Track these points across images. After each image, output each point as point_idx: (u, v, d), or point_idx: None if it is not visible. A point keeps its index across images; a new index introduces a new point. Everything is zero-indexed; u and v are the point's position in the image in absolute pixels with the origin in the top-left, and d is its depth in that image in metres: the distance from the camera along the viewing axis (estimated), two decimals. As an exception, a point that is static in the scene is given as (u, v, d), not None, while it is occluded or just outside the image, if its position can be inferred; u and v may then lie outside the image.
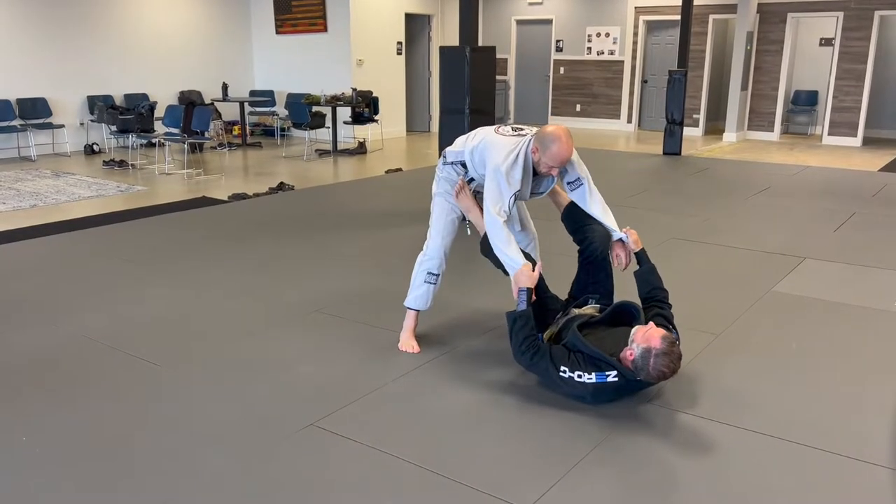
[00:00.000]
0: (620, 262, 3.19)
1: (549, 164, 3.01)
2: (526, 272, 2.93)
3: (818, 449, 2.56)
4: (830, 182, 7.87)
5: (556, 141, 2.96)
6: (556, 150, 2.96)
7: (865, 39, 10.75)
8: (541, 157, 3.01)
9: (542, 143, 2.99)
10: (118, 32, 10.30)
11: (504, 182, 3.01)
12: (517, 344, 2.89)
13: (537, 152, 3.01)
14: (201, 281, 4.40)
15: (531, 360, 2.87)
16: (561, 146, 2.96)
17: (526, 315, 2.89)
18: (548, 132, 2.99)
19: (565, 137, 2.98)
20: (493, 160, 3.04)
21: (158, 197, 7.07)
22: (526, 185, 3.10)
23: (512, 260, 3.02)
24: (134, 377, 3.09)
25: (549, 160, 2.99)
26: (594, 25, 12.99)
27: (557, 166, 3.02)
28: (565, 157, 2.98)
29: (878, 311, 3.92)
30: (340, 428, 2.67)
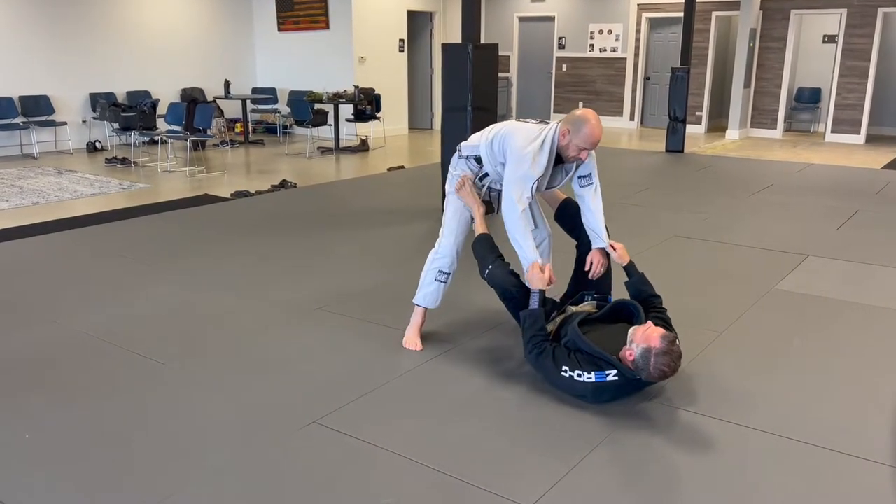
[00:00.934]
0: (593, 270, 3.17)
1: (579, 147, 2.98)
2: (536, 271, 2.93)
3: (820, 447, 2.55)
4: (833, 179, 7.86)
5: (587, 122, 2.95)
6: (588, 131, 2.95)
7: (869, 36, 10.71)
8: (571, 139, 2.98)
9: (574, 124, 2.97)
10: (121, 30, 10.31)
11: (529, 165, 2.98)
12: (527, 342, 2.91)
13: (566, 135, 2.99)
14: (203, 278, 4.40)
15: (536, 360, 2.89)
16: (593, 127, 2.95)
17: (536, 314, 2.91)
18: (578, 114, 2.99)
19: (595, 119, 2.99)
20: (517, 143, 3.02)
21: (161, 194, 7.07)
22: (547, 174, 3.08)
23: (525, 253, 3.02)
24: (136, 374, 3.10)
25: (580, 142, 2.97)
26: (597, 22, 12.96)
27: (589, 147, 2.99)
28: (597, 137, 2.97)
29: (881, 309, 3.91)
30: (342, 425, 2.67)
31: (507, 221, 3.04)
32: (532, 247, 3.02)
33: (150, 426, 2.67)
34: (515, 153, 3.02)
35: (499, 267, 3.15)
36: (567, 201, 3.36)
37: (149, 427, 2.67)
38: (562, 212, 3.33)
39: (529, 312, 2.92)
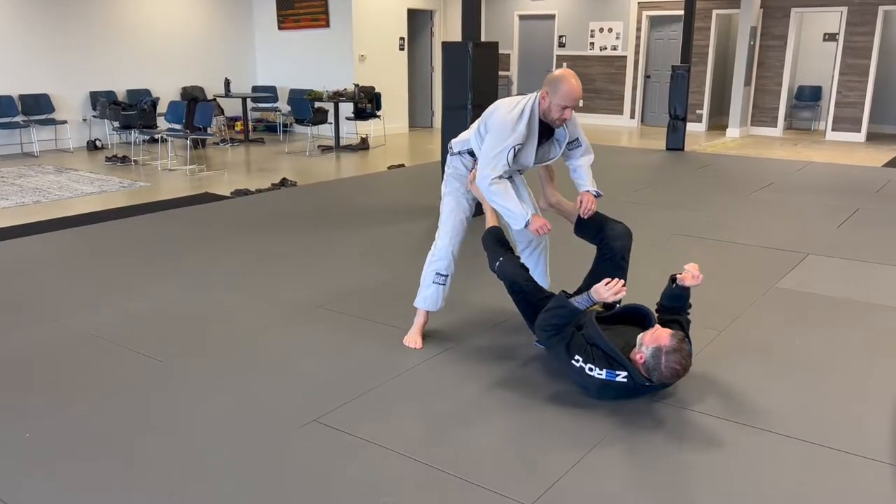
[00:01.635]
0: (584, 207, 3.18)
1: (560, 105, 2.98)
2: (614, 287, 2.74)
3: (821, 445, 2.55)
4: (834, 178, 7.85)
5: (564, 79, 2.97)
6: (566, 88, 2.96)
7: (869, 34, 10.70)
8: (551, 100, 2.99)
9: (551, 84, 2.98)
10: (121, 28, 10.30)
11: (506, 132, 2.99)
12: (546, 322, 2.83)
13: (546, 97, 3.00)
14: (204, 277, 4.40)
15: (548, 340, 2.86)
16: (570, 83, 2.96)
17: (575, 313, 2.80)
18: (555, 74, 3.00)
19: (572, 75, 3.00)
20: (497, 116, 3.04)
21: (161, 193, 7.07)
22: (531, 144, 3.06)
23: (512, 213, 3.01)
24: (137, 373, 3.10)
25: (560, 100, 2.97)
26: (597, 21, 12.95)
27: (570, 104, 2.99)
28: (576, 92, 2.97)
29: (882, 307, 3.91)
30: (343, 424, 2.67)
31: (483, 191, 3.06)
32: (517, 203, 3.01)
33: (151, 425, 2.67)
34: (495, 125, 3.04)
35: (509, 260, 3.13)
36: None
37: (149, 426, 2.67)
38: (581, 223, 3.28)
39: (572, 308, 2.80)
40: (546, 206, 3.45)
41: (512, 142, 2.99)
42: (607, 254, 3.14)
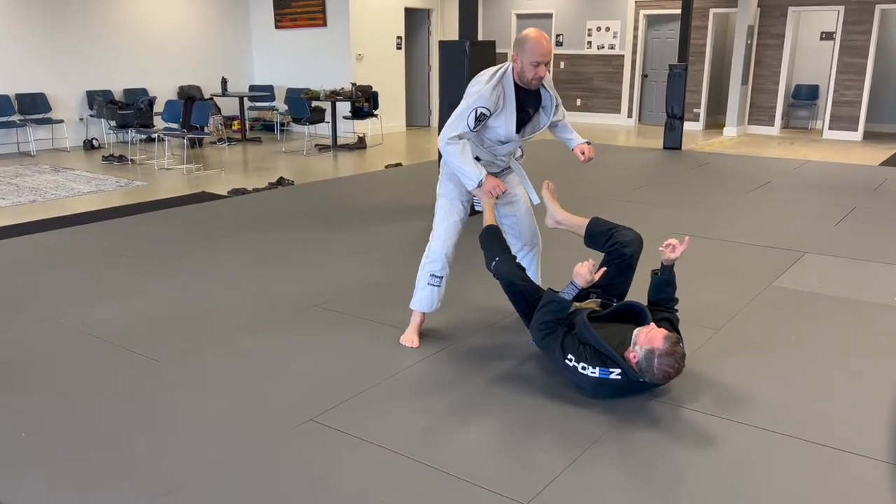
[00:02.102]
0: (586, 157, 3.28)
1: (532, 63, 3.00)
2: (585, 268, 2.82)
3: (817, 443, 2.55)
4: (831, 176, 7.86)
5: (528, 37, 3.00)
6: (531, 45, 2.98)
7: (866, 33, 10.72)
8: (522, 60, 3.02)
9: (519, 45, 3.03)
10: (117, 27, 10.28)
11: (473, 97, 3.03)
12: (539, 321, 2.87)
13: (517, 59, 3.03)
14: (201, 276, 4.40)
15: (542, 339, 2.88)
16: (535, 39, 2.99)
17: (564, 305, 2.85)
18: (521, 35, 3.04)
19: (537, 31, 3.04)
20: (472, 82, 3.09)
21: (158, 192, 7.06)
22: (507, 112, 3.06)
23: (465, 173, 3.06)
24: (133, 372, 3.09)
25: (529, 58, 3.00)
26: (594, 19, 12.95)
27: (540, 59, 3.00)
28: (544, 46, 2.99)
29: (879, 306, 3.91)
30: (340, 423, 2.67)
31: (441, 150, 3.11)
32: (473, 166, 3.05)
33: (147, 424, 2.67)
34: (468, 92, 3.09)
35: (506, 260, 3.14)
36: (592, 223, 3.27)
37: (145, 425, 2.66)
38: (590, 235, 3.26)
39: (559, 300, 2.85)
40: (553, 224, 3.42)
41: (475, 102, 3.02)
42: (616, 259, 3.12)
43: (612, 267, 3.13)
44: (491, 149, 3.23)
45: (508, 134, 3.12)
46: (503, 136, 3.14)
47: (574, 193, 6.68)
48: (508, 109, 3.08)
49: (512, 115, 3.09)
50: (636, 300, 3.05)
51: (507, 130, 3.11)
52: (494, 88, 3.03)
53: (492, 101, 3.03)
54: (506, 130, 3.11)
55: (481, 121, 3.05)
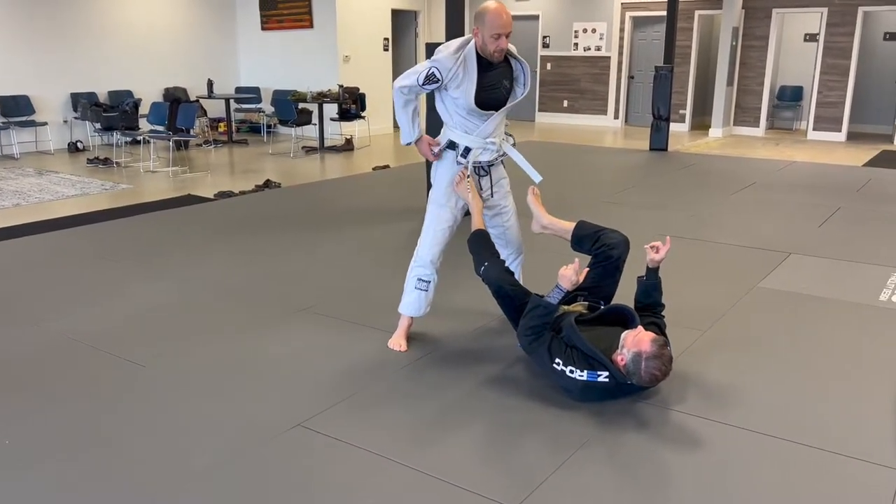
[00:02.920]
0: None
1: (493, 34, 3.01)
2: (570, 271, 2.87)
3: (807, 445, 2.57)
4: (815, 177, 7.92)
5: (486, 10, 3.02)
6: (490, 18, 3.00)
7: (849, 35, 10.81)
8: (482, 33, 3.03)
9: (478, 19, 3.05)
10: (102, 29, 10.21)
11: (432, 59, 3.08)
12: (525, 326, 2.87)
13: (478, 32, 3.05)
14: (187, 280, 4.37)
15: (529, 345, 2.88)
16: (492, 11, 3.01)
17: (550, 309, 2.86)
18: (480, 8, 3.06)
19: (496, 3, 3.05)
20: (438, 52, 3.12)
21: (143, 195, 7.02)
22: (468, 81, 3.06)
23: (403, 129, 3.23)
24: (118, 377, 3.06)
25: (488, 30, 3.01)
26: (581, 21, 13.00)
27: (499, 31, 3.01)
28: (502, 18, 3.00)
29: (863, 306, 3.94)
30: (328, 428, 2.66)
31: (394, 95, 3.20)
32: (411, 126, 3.21)
33: (132, 430, 2.65)
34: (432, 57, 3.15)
35: (494, 264, 3.14)
36: (578, 227, 3.27)
37: (130, 431, 2.64)
38: (577, 238, 3.26)
39: (545, 304, 2.86)
40: (539, 229, 3.42)
41: (431, 63, 3.08)
42: (603, 261, 3.12)
43: (598, 269, 3.14)
44: (474, 129, 3.19)
45: (469, 104, 3.11)
46: (465, 107, 3.13)
47: (560, 195, 6.69)
48: (469, 79, 3.08)
49: (472, 84, 3.08)
50: (624, 303, 3.06)
51: (467, 101, 3.10)
52: (456, 58, 3.05)
53: (448, 67, 3.05)
54: (465, 101, 3.10)
55: (430, 81, 3.08)
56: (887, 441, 2.59)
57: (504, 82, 3.18)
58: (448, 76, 3.06)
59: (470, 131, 3.20)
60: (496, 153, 3.29)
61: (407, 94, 3.15)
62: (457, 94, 3.10)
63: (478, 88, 3.09)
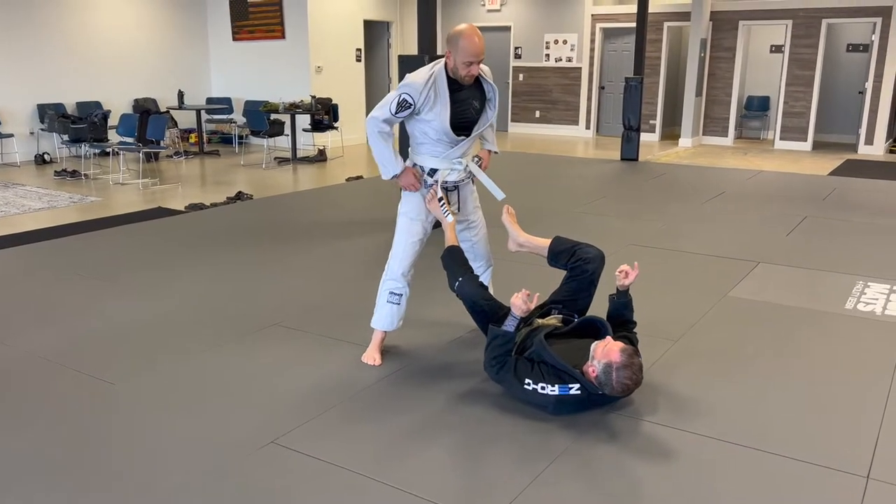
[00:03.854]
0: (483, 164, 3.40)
1: (466, 62, 3.02)
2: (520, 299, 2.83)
3: (775, 454, 2.60)
4: (783, 186, 8.06)
5: (461, 35, 3.01)
6: (464, 44, 2.99)
7: (814, 46, 11.05)
8: (455, 57, 3.03)
9: (451, 43, 3.03)
10: (70, 39, 10.07)
11: (402, 87, 3.08)
12: (490, 357, 2.91)
13: (450, 56, 3.05)
14: (157, 294, 4.32)
15: (497, 374, 2.91)
16: (468, 37, 3.00)
17: (508, 337, 2.87)
18: (454, 32, 3.05)
19: (470, 29, 3.04)
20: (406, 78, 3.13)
21: (113, 208, 6.92)
22: (441, 105, 3.07)
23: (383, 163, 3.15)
24: (87, 396, 3.01)
25: (462, 57, 3.01)
26: (552, 32, 13.12)
27: (472, 59, 3.01)
28: (476, 47, 3.00)
29: (830, 314, 4.02)
30: (302, 445, 2.64)
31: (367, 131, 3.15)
32: (392, 156, 3.12)
33: (101, 450, 2.60)
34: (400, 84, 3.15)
35: (468, 280, 3.15)
36: (554, 243, 3.28)
37: (99, 451, 2.59)
38: (553, 254, 3.26)
39: (503, 333, 2.88)
40: (516, 247, 3.43)
41: (401, 89, 3.08)
42: (578, 275, 3.14)
43: (573, 283, 3.16)
44: (443, 153, 3.21)
45: (444, 128, 3.11)
46: (440, 131, 3.13)
47: (533, 205, 6.73)
48: (441, 103, 3.09)
49: (445, 109, 3.09)
50: (596, 315, 3.09)
51: (442, 124, 3.10)
52: (426, 82, 3.06)
53: (419, 90, 3.05)
54: (440, 124, 3.10)
55: (403, 108, 3.07)
56: (855, 449, 2.64)
57: (474, 103, 3.19)
58: (420, 99, 3.06)
59: (438, 156, 3.22)
60: (463, 173, 3.30)
61: (380, 125, 3.11)
62: (430, 116, 3.10)
63: (450, 109, 3.10)
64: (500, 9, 13.50)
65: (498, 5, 13.50)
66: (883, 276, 4.70)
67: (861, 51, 11.76)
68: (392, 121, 3.12)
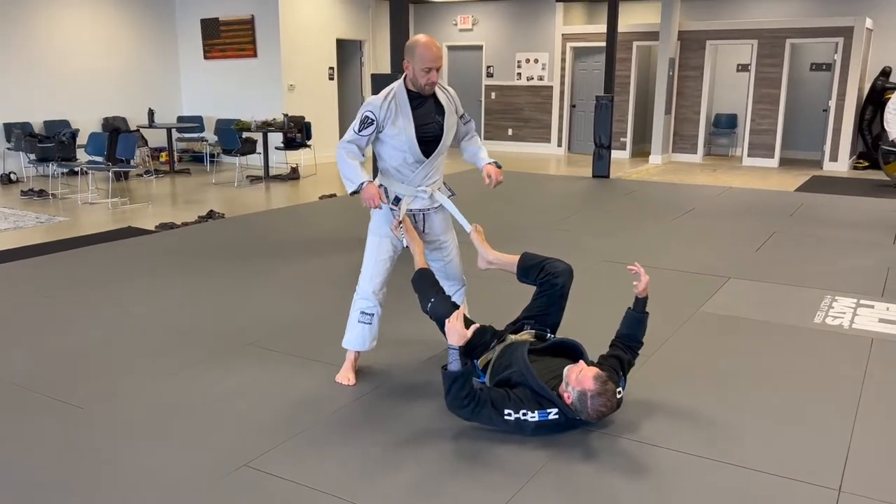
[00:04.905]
0: (493, 180, 3.30)
1: (424, 68, 3.05)
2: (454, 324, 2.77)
3: (750, 469, 2.62)
4: (751, 202, 8.19)
5: (417, 43, 3.06)
6: (421, 51, 3.03)
7: (778, 66, 11.29)
8: (413, 66, 3.06)
9: (408, 52, 3.08)
10: (37, 57, 9.94)
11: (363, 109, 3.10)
12: (456, 400, 2.75)
13: (409, 66, 3.08)
14: (127, 316, 4.25)
15: (472, 413, 2.76)
16: (423, 44, 3.04)
17: (465, 375, 2.73)
18: (411, 41, 3.09)
19: (425, 37, 3.09)
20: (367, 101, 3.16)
21: (81, 228, 6.82)
22: (404, 120, 3.09)
23: (348, 178, 3.13)
24: (55, 421, 2.94)
25: (419, 64, 3.04)
26: (523, 52, 13.25)
27: (430, 65, 3.04)
28: (432, 52, 3.04)
29: (800, 329, 4.07)
30: (274, 467, 2.60)
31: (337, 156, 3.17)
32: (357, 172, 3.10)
33: (70, 476, 2.54)
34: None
35: (440, 300, 3.14)
36: (523, 259, 3.27)
37: (68, 477, 2.53)
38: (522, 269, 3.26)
39: (458, 375, 2.70)
40: (486, 265, 3.42)
41: (362, 110, 3.11)
42: (548, 290, 3.14)
43: (544, 298, 3.17)
44: (408, 177, 3.21)
45: (410, 141, 3.11)
46: (406, 148, 3.13)
47: (507, 222, 6.76)
48: (403, 115, 3.11)
49: (409, 121, 3.11)
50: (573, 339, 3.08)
51: (409, 137, 3.11)
52: (386, 97, 3.11)
53: (379, 105, 3.09)
54: (406, 138, 3.11)
55: (366, 125, 3.09)
56: (826, 461, 2.67)
57: (436, 117, 3.19)
58: (381, 114, 3.08)
59: (403, 180, 3.22)
60: (428, 201, 3.29)
61: (347, 146, 3.13)
62: (395, 131, 3.11)
63: (414, 123, 3.11)
64: (473, 28, 13.62)
65: (470, 25, 13.62)
66: (850, 290, 4.78)
67: (824, 69, 12.04)
68: (358, 141, 3.12)
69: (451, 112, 3.24)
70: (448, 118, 3.22)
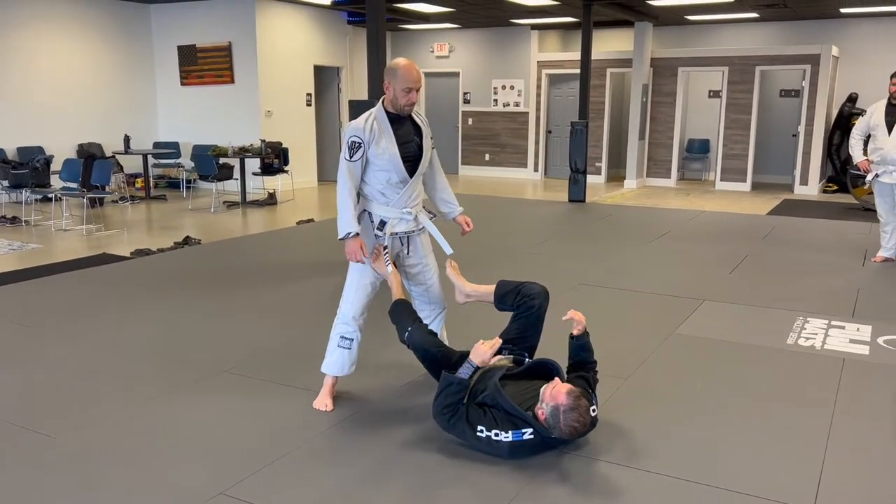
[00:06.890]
0: (465, 230, 3.48)
1: (404, 88, 3.11)
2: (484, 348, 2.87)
3: (727, 489, 2.64)
4: (724, 226, 8.32)
5: (398, 65, 3.13)
6: (402, 73, 3.10)
7: (749, 92, 11.54)
8: (394, 87, 3.12)
9: (389, 74, 3.14)
10: (11, 83, 9.88)
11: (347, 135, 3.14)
12: (440, 405, 2.86)
13: (389, 87, 3.14)
14: (101, 343, 4.20)
15: (448, 422, 2.86)
16: (404, 66, 3.12)
17: (463, 384, 2.85)
18: (390, 64, 3.16)
19: (405, 60, 3.17)
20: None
21: (55, 255, 6.74)
22: (387, 140, 3.14)
23: (339, 222, 3.13)
24: (24, 452, 2.89)
25: (400, 84, 3.11)
26: (499, 78, 13.42)
27: (411, 85, 3.11)
28: (414, 73, 3.12)
29: (773, 350, 4.13)
30: (251, 495, 2.57)
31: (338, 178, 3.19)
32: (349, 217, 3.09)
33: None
34: None
35: (418, 329, 3.16)
36: (499, 286, 3.32)
37: (39, 509, 2.49)
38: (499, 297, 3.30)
39: (457, 380, 2.85)
40: (464, 298, 3.46)
41: (347, 135, 3.16)
42: (525, 312, 3.17)
43: (521, 320, 3.20)
44: (392, 199, 3.23)
45: (394, 159, 3.15)
46: (391, 167, 3.16)
47: (484, 246, 6.80)
48: (386, 135, 3.16)
49: (392, 141, 3.16)
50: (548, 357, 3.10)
51: (392, 156, 3.15)
52: (367, 119, 3.16)
53: (361, 127, 3.14)
54: (390, 157, 3.15)
55: (355, 150, 3.13)
56: (800, 480, 2.70)
57: (415, 137, 3.27)
58: (366, 135, 3.13)
59: (388, 203, 3.25)
60: (412, 223, 3.32)
61: (344, 180, 3.14)
62: (379, 150, 3.15)
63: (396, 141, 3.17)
64: (449, 55, 13.78)
65: (447, 52, 13.78)
66: (821, 311, 4.86)
67: (793, 96, 12.32)
68: (353, 168, 3.14)
69: (427, 135, 3.32)
70: (425, 140, 3.30)
